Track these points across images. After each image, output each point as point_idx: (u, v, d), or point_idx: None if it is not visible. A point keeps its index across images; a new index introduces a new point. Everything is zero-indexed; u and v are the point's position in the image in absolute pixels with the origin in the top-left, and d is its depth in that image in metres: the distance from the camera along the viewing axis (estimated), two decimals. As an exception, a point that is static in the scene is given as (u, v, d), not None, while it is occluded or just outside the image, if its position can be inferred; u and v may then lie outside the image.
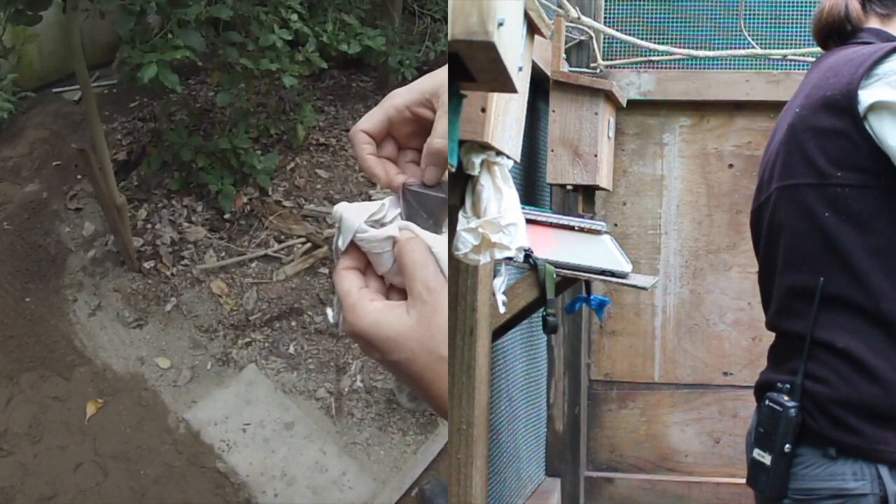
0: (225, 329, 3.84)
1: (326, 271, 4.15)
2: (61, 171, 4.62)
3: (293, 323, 3.92)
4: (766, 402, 1.54)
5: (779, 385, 1.54)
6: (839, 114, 1.44)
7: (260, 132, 4.60)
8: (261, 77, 4.26)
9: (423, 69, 5.30)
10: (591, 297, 2.33)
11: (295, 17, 4.08)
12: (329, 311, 0.96)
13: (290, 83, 4.02)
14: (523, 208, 1.38)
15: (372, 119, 0.96)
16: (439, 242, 0.90)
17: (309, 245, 4.21)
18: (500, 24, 0.99)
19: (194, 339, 3.79)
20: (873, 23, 1.61)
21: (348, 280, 0.90)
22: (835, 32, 1.64)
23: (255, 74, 4.11)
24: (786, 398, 1.51)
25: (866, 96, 1.41)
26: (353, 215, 0.91)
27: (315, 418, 3.55)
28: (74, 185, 4.51)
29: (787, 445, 1.50)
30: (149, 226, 4.19)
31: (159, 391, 3.57)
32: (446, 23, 5.27)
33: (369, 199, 4.58)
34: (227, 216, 4.31)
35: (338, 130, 5.10)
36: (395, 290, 0.92)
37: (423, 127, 0.96)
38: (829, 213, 1.46)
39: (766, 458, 1.52)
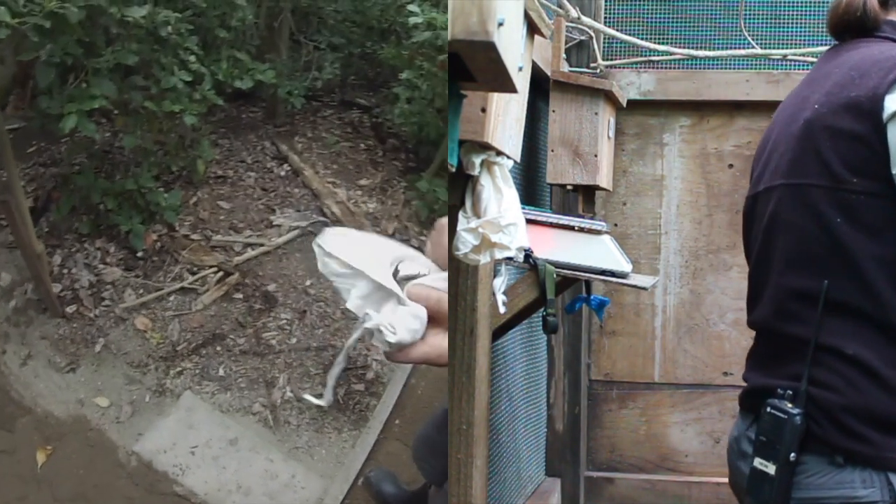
0: (156, 362, 3.74)
1: (241, 296, 4.11)
2: (-31, 223, 4.33)
3: (218, 347, 3.87)
4: (768, 409, 1.42)
5: (779, 391, 1.42)
6: (861, 117, 1.33)
7: (161, 170, 4.45)
8: (163, 118, 4.14)
9: (309, 97, 5.24)
10: (591, 297, 2.27)
11: (193, 58, 3.97)
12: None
13: (191, 122, 3.94)
14: (523, 208, 1.32)
15: None
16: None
17: (221, 273, 4.16)
18: (500, 24, 0.96)
19: (128, 375, 3.66)
20: (894, 16, 1.51)
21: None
22: (852, 27, 1.53)
23: (157, 116, 3.99)
24: (789, 405, 1.40)
25: (892, 102, 1.31)
26: (369, 271, 0.85)
27: (256, 431, 3.53)
28: (-15, 236, 4.24)
29: (793, 454, 1.39)
30: (65, 271, 4.00)
31: (104, 429, 3.43)
32: (331, 50, 5.28)
33: (270, 224, 4.51)
34: (139, 254, 4.17)
35: (233, 162, 4.99)
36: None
37: None
38: (841, 219, 1.35)
39: (770, 468, 1.41)
